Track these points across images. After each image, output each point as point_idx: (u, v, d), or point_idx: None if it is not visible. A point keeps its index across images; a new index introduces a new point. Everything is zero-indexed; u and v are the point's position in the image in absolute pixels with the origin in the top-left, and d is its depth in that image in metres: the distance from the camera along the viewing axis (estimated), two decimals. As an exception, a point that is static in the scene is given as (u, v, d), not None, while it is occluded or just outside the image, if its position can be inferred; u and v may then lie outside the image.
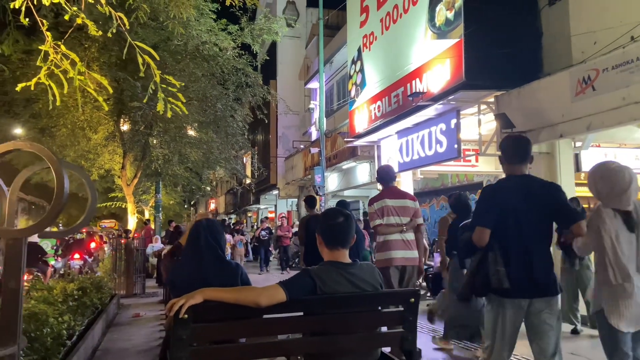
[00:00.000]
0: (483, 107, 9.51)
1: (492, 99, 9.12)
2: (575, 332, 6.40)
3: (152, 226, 16.69)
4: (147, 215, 20.99)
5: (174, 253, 4.09)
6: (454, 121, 9.84)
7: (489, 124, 9.59)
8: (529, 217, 2.94)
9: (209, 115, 12.28)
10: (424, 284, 8.86)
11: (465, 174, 14.66)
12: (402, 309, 2.36)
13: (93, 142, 13.61)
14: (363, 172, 16.54)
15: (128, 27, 3.35)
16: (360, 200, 22.82)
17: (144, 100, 4.44)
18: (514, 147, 3.17)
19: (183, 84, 4.01)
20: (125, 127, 13.36)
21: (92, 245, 15.48)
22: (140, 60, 3.31)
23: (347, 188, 18.83)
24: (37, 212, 18.99)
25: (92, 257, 14.44)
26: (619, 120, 6.56)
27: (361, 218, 14.25)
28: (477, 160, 11.89)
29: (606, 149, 9.73)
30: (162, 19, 8.03)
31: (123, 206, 17.46)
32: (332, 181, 19.30)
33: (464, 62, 8.57)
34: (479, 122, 9.63)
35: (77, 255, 13.38)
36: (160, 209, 16.99)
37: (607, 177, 2.92)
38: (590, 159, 9.47)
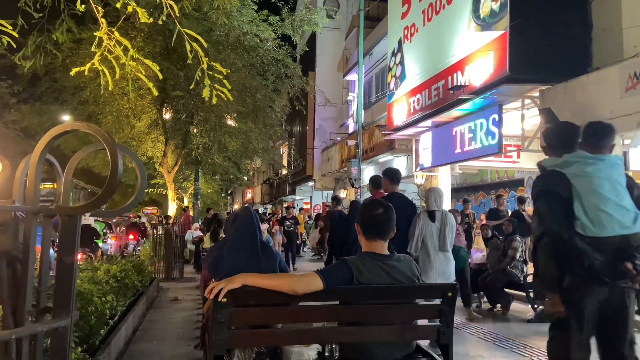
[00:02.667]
0: (527, 101, 9.25)
1: (536, 94, 8.85)
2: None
3: (191, 213, 17.09)
4: (186, 203, 21.49)
5: None
6: (495, 116, 9.62)
7: (532, 119, 9.33)
8: None
9: (248, 105, 12.43)
10: None
11: (505, 170, 14.31)
12: (439, 302, 2.34)
13: (137, 129, 14.04)
14: (400, 165, 16.37)
15: (178, 14, 3.42)
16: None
17: (191, 87, 4.54)
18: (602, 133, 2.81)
19: (229, 71, 4.07)
20: (167, 115, 13.70)
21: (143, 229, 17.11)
22: (188, 47, 3.38)
23: (383, 181, 18.69)
24: (91, 198, 19.80)
25: (144, 239, 15.66)
26: (673, 118, 6.25)
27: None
28: (518, 156, 11.57)
29: (658, 147, 9.28)
30: (205, 9, 8.15)
31: (164, 193, 17.95)
32: (368, 174, 19.17)
33: (508, 55, 8.34)
34: (522, 117, 9.37)
35: (131, 237, 15.24)
36: (199, 196, 17.36)
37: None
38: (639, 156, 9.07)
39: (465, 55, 9.88)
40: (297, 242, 15.25)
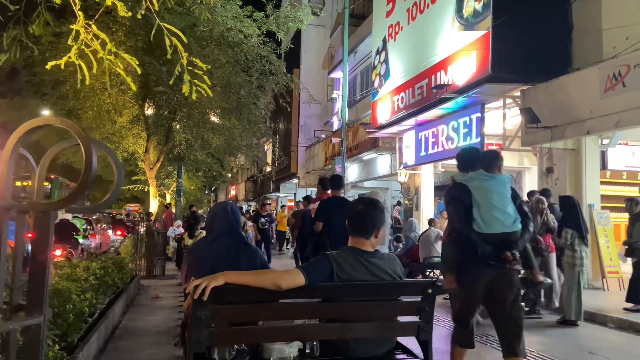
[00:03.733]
0: (508, 101, 9.37)
1: (518, 93, 8.98)
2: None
3: (174, 210, 16.93)
4: (168, 199, 21.30)
5: None
6: (478, 115, 9.72)
7: (514, 119, 9.44)
8: None
9: (232, 101, 12.34)
10: None
11: (487, 169, 14.43)
12: (419, 299, 2.35)
13: (118, 125, 13.84)
14: (384, 163, 16.45)
15: (157, 9, 3.37)
16: (381, 191, 22.74)
17: (170, 82, 4.48)
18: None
19: (209, 67, 4.02)
20: (149, 111, 13.53)
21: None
22: (167, 42, 3.33)
23: (367, 179, 18.78)
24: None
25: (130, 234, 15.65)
26: (649, 118, 6.39)
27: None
28: (500, 155, 11.68)
29: (634, 147, 9.51)
30: (188, 4, 8.06)
31: (145, 189, 17.75)
32: (352, 172, 19.25)
33: (490, 54, 8.44)
34: (503, 117, 9.49)
35: (118, 232, 16.16)
36: (182, 193, 17.21)
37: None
38: (617, 157, 9.26)
39: (448, 54, 9.97)
40: (273, 240, 15.09)
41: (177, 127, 13.65)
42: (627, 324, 6.23)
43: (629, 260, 7.47)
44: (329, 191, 6.13)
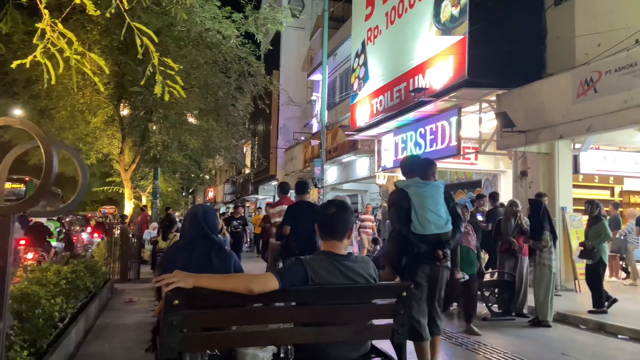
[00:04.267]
0: (484, 105, 9.51)
1: (493, 98, 9.12)
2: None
3: (150, 212, 16.67)
4: (144, 202, 20.95)
5: None
6: (455, 118, 9.84)
7: (490, 123, 9.58)
8: None
9: (210, 103, 12.21)
10: None
11: (464, 172, 14.65)
12: (394, 302, 2.35)
13: (92, 125, 13.54)
14: (363, 166, 16.51)
15: (127, 7, 3.30)
16: (359, 194, 22.83)
17: (142, 82, 4.38)
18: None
19: (181, 67, 3.97)
20: (125, 111, 13.30)
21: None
22: (138, 42, 3.27)
23: (346, 181, 18.82)
24: (54, 198, 19.01)
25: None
26: (619, 123, 6.56)
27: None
28: (476, 158, 11.88)
29: (606, 151, 9.74)
30: (165, 3, 7.95)
31: (120, 191, 17.44)
32: (331, 174, 19.28)
33: (467, 59, 8.55)
34: (479, 121, 9.62)
35: (95, 235, 15.98)
36: (158, 195, 16.95)
37: None
38: (589, 161, 9.48)
39: (426, 58, 10.06)
40: (246, 244, 14.90)
41: (154, 128, 13.45)
42: (597, 325, 6.36)
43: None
44: (291, 196, 6.52)
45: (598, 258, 6.95)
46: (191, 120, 13.41)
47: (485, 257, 8.16)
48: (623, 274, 10.38)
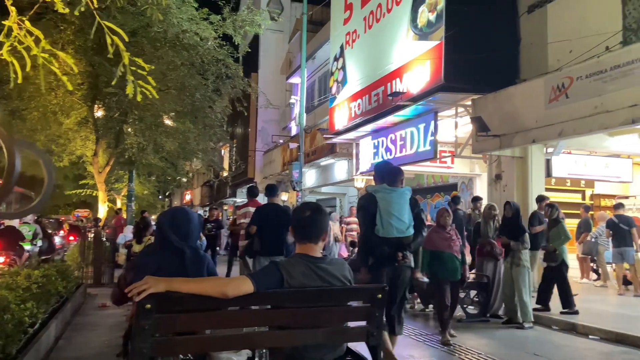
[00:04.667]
0: (460, 109, 9.64)
1: (469, 102, 9.25)
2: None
3: (124, 216, 16.38)
4: (119, 205, 20.57)
5: None
6: (431, 122, 9.94)
7: (466, 127, 9.72)
8: None
9: (187, 105, 12.07)
10: None
11: (440, 175, 14.83)
12: (368, 304, 2.36)
13: (65, 127, 13.24)
14: (341, 169, 16.56)
15: (97, 6, 3.25)
16: (338, 197, 22.87)
17: (113, 83, 4.31)
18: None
19: (153, 67, 3.91)
20: (99, 113, 13.05)
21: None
22: (109, 41, 3.21)
23: (324, 184, 18.84)
24: (26, 201, 18.52)
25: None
26: (590, 128, 6.73)
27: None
28: (452, 162, 12.05)
29: (577, 155, 9.98)
30: (140, 3, 7.84)
31: (94, 194, 17.10)
32: (309, 177, 19.27)
33: (443, 64, 8.66)
34: (455, 125, 9.75)
35: (71, 238, 15.75)
36: (133, 198, 16.67)
37: None
38: (561, 165, 9.70)
39: (403, 62, 10.16)
40: (218, 247, 14.71)
41: (129, 129, 13.22)
42: (569, 325, 6.51)
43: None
44: (258, 199, 7.25)
45: (560, 260, 7.13)
46: (167, 122, 13.22)
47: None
48: (594, 276, 10.63)
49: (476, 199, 9.14)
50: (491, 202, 8.53)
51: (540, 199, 8.09)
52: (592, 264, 10.66)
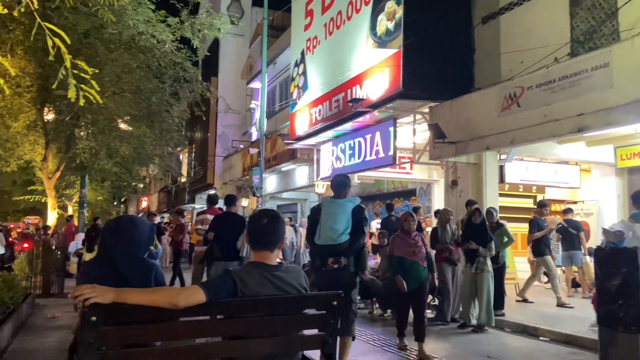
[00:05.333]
0: (418, 117, 9.82)
1: (426, 110, 9.43)
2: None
3: (76, 223, 15.76)
4: (70, 211, 19.78)
5: None
6: (390, 129, 10.09)
7: (424, 134, 9.91)
8: None
9: (143, 108, 11.74)
10: None
11: (400, 181, 15.05)
12: (324, 312, 2.34)
13: (12, 130, 12.61)
14: (302, 174, 16.55)
15: (37, 7, 3.11)
16: (299, 202, 22.83)
17: (54, 87, 4.12)
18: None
19: (96, 71, 3.77)
20: (49, 116, 12.52)
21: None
22: (50, 43, 3.07)
23: (285, 190, 18.77)
24: None
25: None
26: (540, 136, 6.98)
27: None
28: (411, 168, 12.26)
29: (528, 162, 10.34)
30: (91, 4, 7.58)
31: (43, 200, 16.38)
32: (270, 183, 19.16)
33: (402, 72, 8.81)
34: (413, 131, 9.93)
35: (26, 245, 14.94)
36: (85, 205, 16.06)
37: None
38: (514, 171, 10.03)
39: (363, 69, 10.27)
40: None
41: (81, 134, 12.74)
42: (521, 327, 6.70)
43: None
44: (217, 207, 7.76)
45: (502, 262, 7.37)
46: (122, 126, 12.83)
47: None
48: (544, 278, 11.02)
49: (470, 203, 9.31)
50: (448, 207, 8.70)
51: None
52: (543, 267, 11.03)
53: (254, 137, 21.10)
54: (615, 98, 5.89)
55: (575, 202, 11.63)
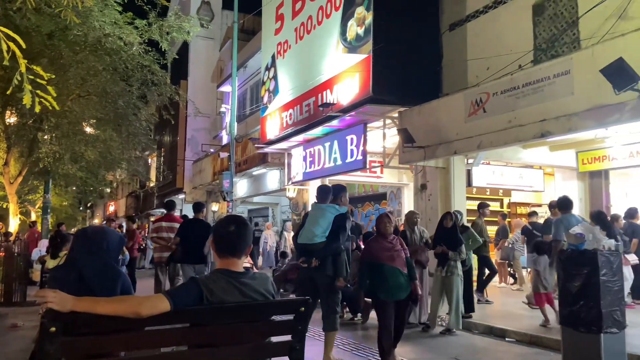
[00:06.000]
0: (388, 121, 9.93)
1: (396, 114, 9.54)
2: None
3: (39, 229, 15.26)
4: (33, 217, 19.15)
5: None
6: (361, 133, 10.15)
7: (393, 138, 10.02)
8: None
9: (109, 112, 11.47)
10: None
11: (371, 185, 15.16)
12: (291, 318, 2.33)
13: (-28, 134, 12.21)
14: (273, 179, 16.48)
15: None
16: (270, 207, 22.71)
17: (8, 92, 3.99)
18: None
19: (53, 76, 3.67)
20: (11, 119, 12.11)
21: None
22: (4, 47, 2.97)
23: (256, 194, 18.65)
24: None
25: None
26: (505, 141, 7.15)
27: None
28: (382, 172, 12.37)
29: (494, 166, 10.58)
30: (54, 5, 7.38)
31: (5, 206, 15.80)
32: (241, 187, 19.01)
33: (371, 77, 8.88)
34: (383, 136, 10.02)
35: None
36: (49, 210, 15.57)
37: None
38: (481, 175, 10.25)
39: (334, 74, 10.32)
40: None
41: (45, 137, 12.37)
42: (488, 329, 6.84)
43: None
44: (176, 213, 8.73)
45: (469, 265, 7.51)
46: (88, 129, 12.50)
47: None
48: (511, 280, 11.29)
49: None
50: (416, 210, 8.81)
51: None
52: (509, 269, 11.32)
53: (225, 140, 20.91)
54: (576, 104, 6.09)
55: (539, 205, 11.97)
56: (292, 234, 12.72)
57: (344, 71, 9.89)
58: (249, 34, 20.45)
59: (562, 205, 7.03)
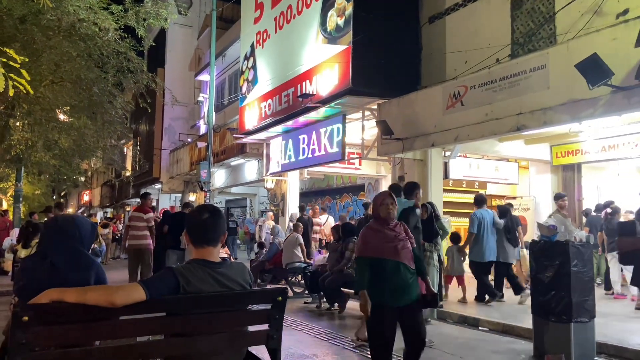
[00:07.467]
0: (367, 113, 9.96)
1: (375, 106, 9.58)
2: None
3: (11, 218, 14.90)
4: (4, 206, 18.67)
5: None
6: (340, 125, 10.17)
7: (372, 130, 10.06)
8: None
9: (84, 99, 11.19)
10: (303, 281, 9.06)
11: (349, 176, 15.22)
12: (269, 307, 2.34)
13: (-60, 121, 11.76)
14: (251, 169, 16.41)
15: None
16: (248, 197, 22.62)
17: None
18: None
19: (26, 59, 3.58)
20: (-19, 106, 11.72)
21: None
22: None
23: (234, 185, 18.56)
24: None
25: None
26: (482, 134, 7.25)
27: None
28: (360, 164, 12.43)
29: (471, 159, 10.73)
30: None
31: (-26, 195, 15.37)
32: (219, 177, 18.87)
33: (351, 68, 8.89)
34: (362, 128, 10.06)
35: None
36: (21, 199, 15.19)
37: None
38: (458, 167, 10.38)
39: (313, 65, 10.29)
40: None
41: (17, 124, 12.01)
42: (462, 318, 6.97)
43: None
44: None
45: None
46: (61, 117, 12.19)
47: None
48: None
49: (558, 197, 9.47)
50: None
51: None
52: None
53: (202, 130, 20.69)
54: (551, 98, 6.21)
55: (514, 198, 12.19)
56: (273, 223, 12.67)
57: (324, 62, 9.86)
58: (228, 22, 20.21)
59: (476, 200, 8.06)
